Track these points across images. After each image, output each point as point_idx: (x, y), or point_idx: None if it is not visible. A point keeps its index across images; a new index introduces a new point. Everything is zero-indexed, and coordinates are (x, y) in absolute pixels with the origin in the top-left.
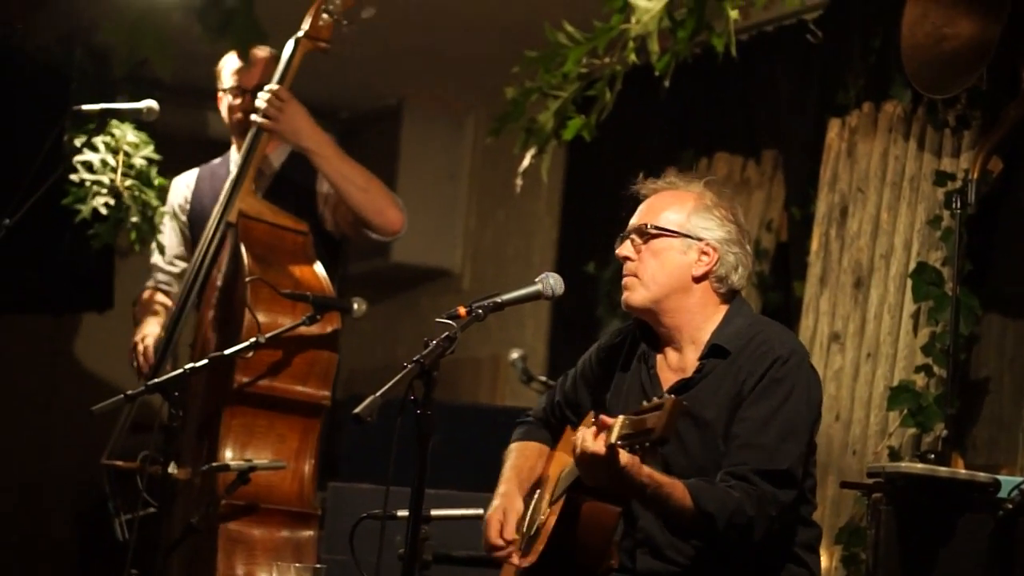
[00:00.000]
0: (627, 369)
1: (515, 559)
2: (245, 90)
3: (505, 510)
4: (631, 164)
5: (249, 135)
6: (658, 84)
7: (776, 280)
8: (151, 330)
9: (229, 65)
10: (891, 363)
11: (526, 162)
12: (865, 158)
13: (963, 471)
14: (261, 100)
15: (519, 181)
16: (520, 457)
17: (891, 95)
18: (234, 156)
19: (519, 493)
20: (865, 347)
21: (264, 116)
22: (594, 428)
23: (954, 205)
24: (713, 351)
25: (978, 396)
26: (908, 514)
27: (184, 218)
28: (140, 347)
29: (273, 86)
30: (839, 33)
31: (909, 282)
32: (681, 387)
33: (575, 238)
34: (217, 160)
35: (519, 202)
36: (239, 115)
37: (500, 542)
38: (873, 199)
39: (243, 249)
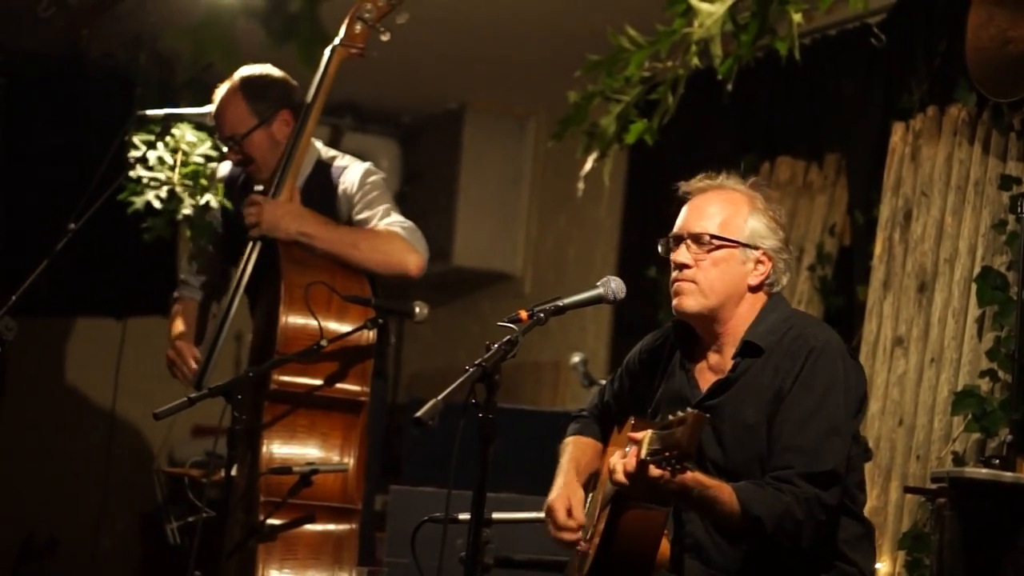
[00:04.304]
0: (668, 373)
1: (583, 545)
2: (224, 141)
3: (569, 496)
4: (693, 168)
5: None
6: (721, 88)
7: (839, 285)
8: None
9: (212, 112)
10: (955, 368)
11: (588, 166)
12: (929, 162)
13: None
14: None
15: (581, 185)
16: (577, 450)
17: (955, 99)
18: None
19: (578, 483)
20: (929, 352)
21: (251, 226)
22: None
23: (1019, 209)
24: (747, 349)
25: None
26: (972, 519)
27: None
28: (174, 352)
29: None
30: (903, 37)
31: (974, 286)
32: (719, 388)
33: (637, 242)
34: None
35: (581, 206)
36: (230, 160)
37: (571, 523)
38: (937, 203)
39: (281, 254)
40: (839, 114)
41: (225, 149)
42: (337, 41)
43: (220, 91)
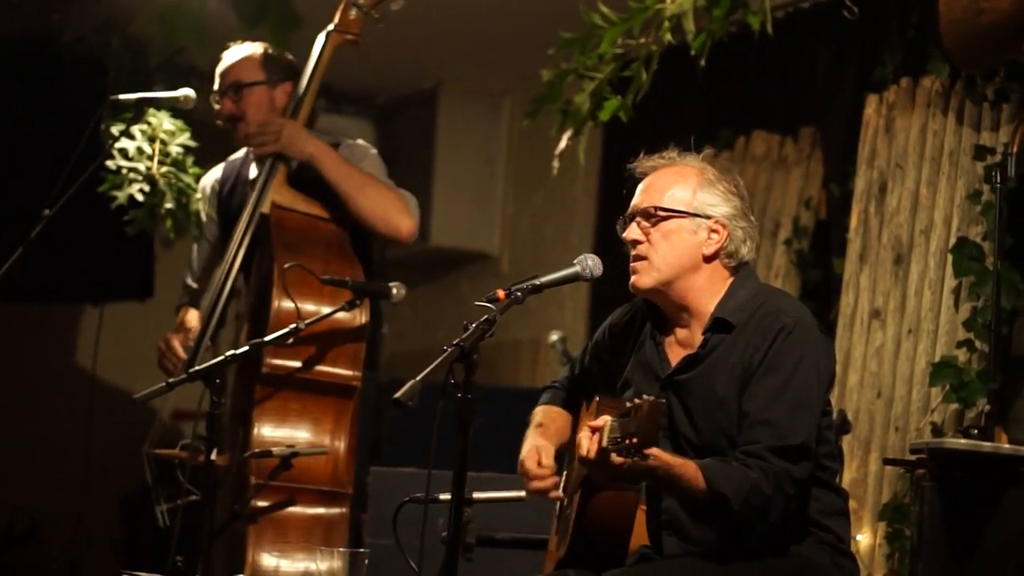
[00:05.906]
0: (638, 347)
1: (558, 493)
2: (223, 92)
3: (538, 449)
4: (668, 144)
5: (267, 163)
6: (694, 63)
7: (815, 258)
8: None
9: (217, 69)
10: (932, 339)
11: (563, 144)
12: (903, 134)
13: (1007, 445)
14: (255, 136)
15: (556, 163)
16: (546, 417)
17: (929, 70)
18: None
19: (546, 441)
20: (906, 323)
21: (262, 144)
22: (588, 431)
23: (994, 179)
24: (717, 325)
25: (1021, 370)
26: (952, 490)
27: (215, 215)
28: (163, 343)
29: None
30: (876, 9)
31: (950, 257)
32: (688, 363)
33: (613, 219)
34: (239, 155)
35: (556, 184)
36: (219, 122)
37: (543, 471)
38: (912, 175)
39: (274, 238)
40: (813, 87)
41: (216, 107)
42: (331, 27)
43: (235, 47)
